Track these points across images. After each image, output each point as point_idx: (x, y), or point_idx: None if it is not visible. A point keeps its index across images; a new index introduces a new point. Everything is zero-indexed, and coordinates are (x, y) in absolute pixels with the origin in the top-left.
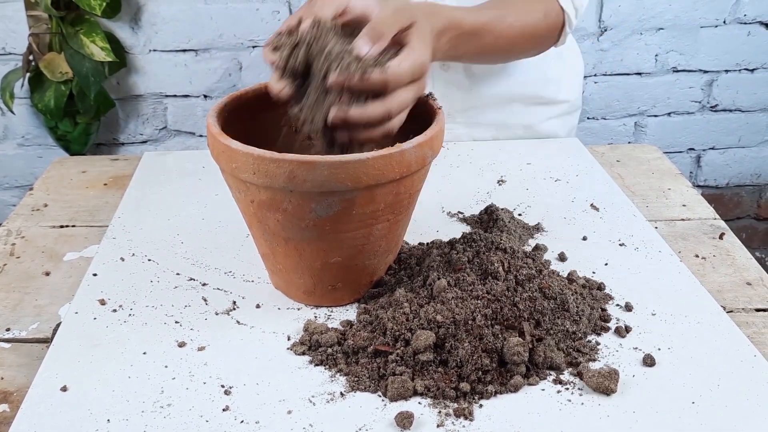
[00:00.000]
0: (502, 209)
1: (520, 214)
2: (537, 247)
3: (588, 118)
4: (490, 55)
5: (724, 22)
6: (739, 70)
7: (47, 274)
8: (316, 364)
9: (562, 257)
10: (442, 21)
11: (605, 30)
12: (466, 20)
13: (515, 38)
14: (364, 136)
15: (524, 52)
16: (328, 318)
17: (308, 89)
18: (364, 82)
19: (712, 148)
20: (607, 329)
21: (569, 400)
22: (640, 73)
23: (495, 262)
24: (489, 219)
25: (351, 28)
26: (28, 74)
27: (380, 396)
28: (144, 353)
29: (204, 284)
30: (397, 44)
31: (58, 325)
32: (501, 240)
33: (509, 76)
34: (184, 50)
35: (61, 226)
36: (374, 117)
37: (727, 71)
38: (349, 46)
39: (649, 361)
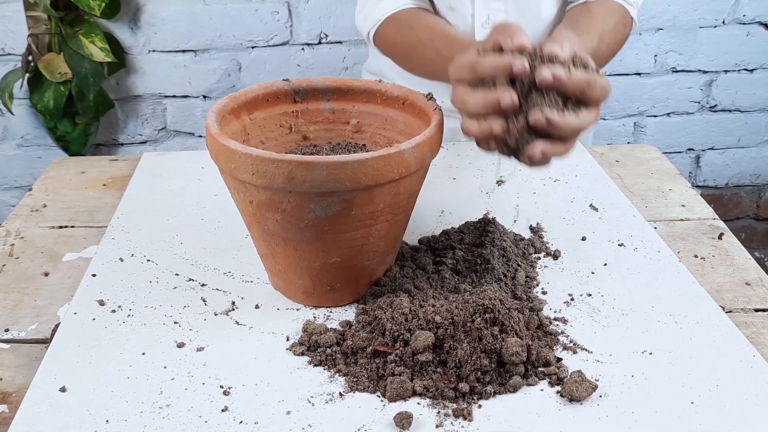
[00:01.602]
0: (496, 229)
1: (515, 222)
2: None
3: None
4: None
5: (723, 22)
6: (739, 71)
7: (46, 274)
8: (315, 365)
9: (555, 255)
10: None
11: None
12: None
13: (608, 55)
14: (552, 152)
15: (604, 62)
16: (327, 318)
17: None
18: (572, 80)
19: (712, 149)
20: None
21: (569, 401)
22: (639, 74)
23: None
24: (482, 235)
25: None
26: (27, 75)
27: (379, 396)
28: (143, 354)
29: (203, 285)
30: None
31: (57, 325)
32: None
33: None
34: (184, 51)
35: (60, 227)
36: (571, 127)
37: (726, 71)
38: (544, 48)
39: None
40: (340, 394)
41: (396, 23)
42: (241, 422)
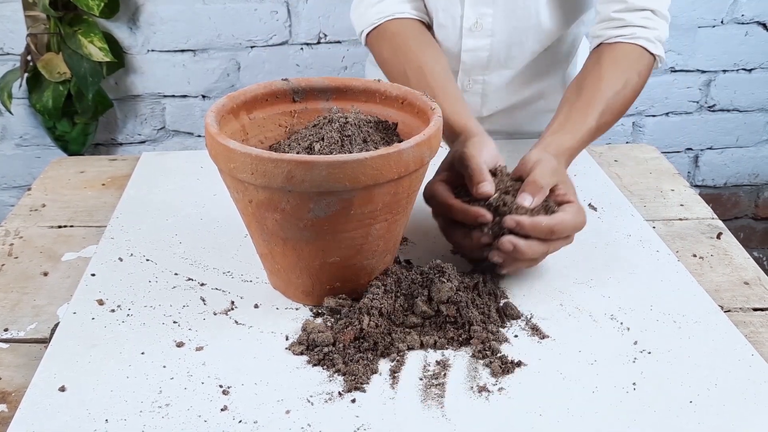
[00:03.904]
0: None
1: None
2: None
3: None
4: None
5: (722, 22)
6: (737, 70)
7: (45, 274)
8: (314, 364)
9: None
10: (571, 153)
11: None
12: (584, 140)
13: (619, 114)
14: (510, 268)
15: (624, 113)
16: (327, 318)
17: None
18: (534, 227)
19: (710, 148)
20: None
21: (568, 402)
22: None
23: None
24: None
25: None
26: (26, 74)
27: (379, 394)
28: (142, 353)
29: (202, 284)
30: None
31: (57, 325)
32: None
33: (522, 88)
34: (183, 50)
35: (60, 227)
36: (534, 253)
37: (724, 71)
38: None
39: None
40: (340, 393)
41: (388, 42)
42: (240, 421)
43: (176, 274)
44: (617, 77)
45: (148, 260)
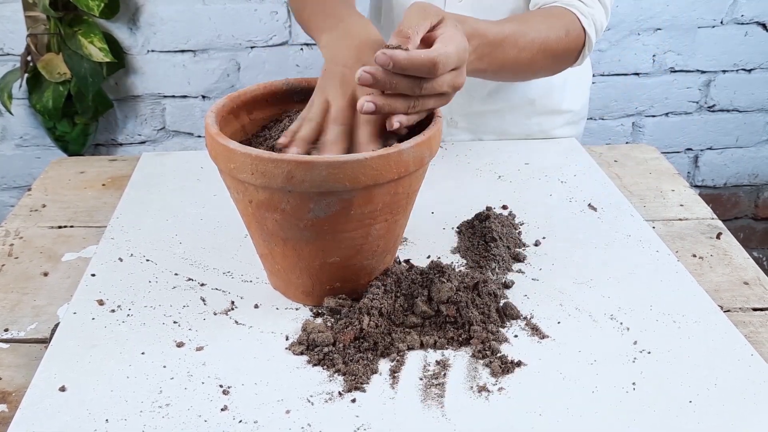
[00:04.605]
0: (496, 218)
1: (515, 219)
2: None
3: (586, 118)
4: (510, 71)
5: (722, 22)
6: (737, 71)
7: (45, 274)
8: (315, 364)
9: (537, 243)
10: (468, 27)
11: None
12: (491, 31)
13: (536, 54)
14: (405, 117)
15: (543, 69)
16: (327, 318)
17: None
18: (411, 61)
19: (710, 148)
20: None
21: (568, 402)
22: (637, 74)
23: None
24: (482, 233)
25: None
26: (26, 75)
27: (378, 393)
28: (142, 353)
29: (202, 284)
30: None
31: (57, 325)
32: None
33: (513, 84)
34: (183, 51)
35: (60, 227)
36: (421, 65)
37: (724, 71)
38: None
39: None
40: (340, 393)
41: None
42: (240, 421)
43: (176, 274)
44: (545, 21)
45: (148, 260)
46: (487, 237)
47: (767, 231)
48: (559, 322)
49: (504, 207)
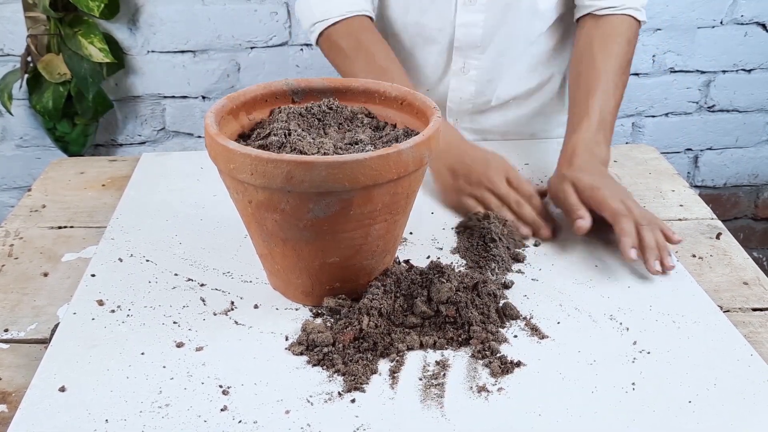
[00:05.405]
0: (493, 222)
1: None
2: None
3: None
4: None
5: (722, 22)
6: (737, 71)
7: (45, 274)
8: (314, 364)
9: (537, 243)
10: (583, 156)
11: None
12: (590, 128)
13: (621, 81)
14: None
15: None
16: (326, 318)
17: None
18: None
19: (710, 149)
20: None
21: (568, 402)
22: (637, 74)
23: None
24: (481, 234)
25: None
26: (26, 75)
27: (378, 394)
28: (142, 353)
29: (202, 285)
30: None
31: (57, 325)
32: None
33: (518, 83)
34: (183, 51)
35: (60, 227)
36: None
37: (724, 72)
38: None
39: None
40: (339, 393)
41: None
42: (240, 421)
43: (176, 274)
44: (613, 53)
45: (148, 261)
46: (487, 237)
47: (767, 231)
48: (558, 323)
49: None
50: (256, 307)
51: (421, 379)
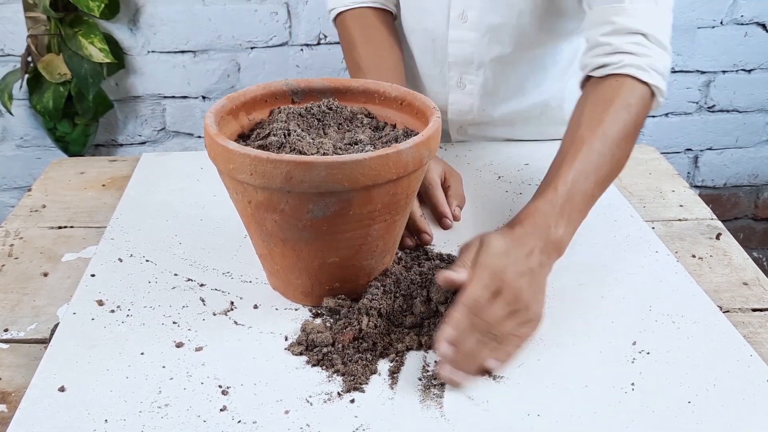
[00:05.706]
0: None
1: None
2: None
3: None
4: (604, 187)
5: (722, 22)
6: (737, 71)
7: (45, 274)
8: (314, 365)
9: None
10: (522, 223)
11: None
12: (548, 198)
13: (613, 157)
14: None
15: (628, 154)
16: (326, 318)
17: None
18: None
19: (710, 149)
20: None
21: (567, 402)
22: None
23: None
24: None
25: None
26: (26, 75)
27: (378, 394)
28: (142, 354)
29: (202, 285)
30: None
31: (56, 325)
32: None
33: (523, 96)
34: (183, 51)
35: (60, 227)
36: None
37: (724, 72)
38: None
39: None
40: (339, 393)
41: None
42: (239, 422)
43: (176, 274)
44: (600, 123)
45: (147, 261)
46: None
47: (767, 231)
48: (558, 323)
49: None
50: (255, 307)
51: (420, 379)
